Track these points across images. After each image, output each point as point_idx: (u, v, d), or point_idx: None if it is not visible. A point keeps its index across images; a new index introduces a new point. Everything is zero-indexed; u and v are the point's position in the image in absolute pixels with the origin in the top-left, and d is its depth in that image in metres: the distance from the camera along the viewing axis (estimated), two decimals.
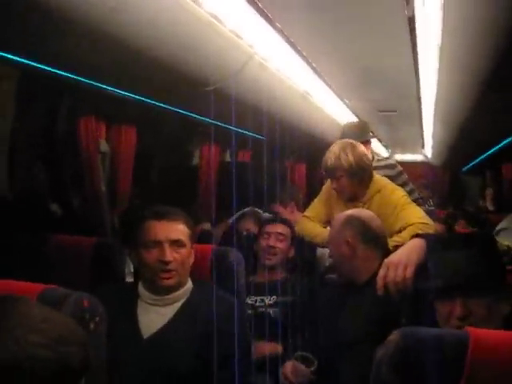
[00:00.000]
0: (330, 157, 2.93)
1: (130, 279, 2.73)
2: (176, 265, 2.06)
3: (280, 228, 3.12)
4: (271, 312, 2.91)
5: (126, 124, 3.73)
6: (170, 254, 2.04)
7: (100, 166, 3.52)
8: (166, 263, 2.04)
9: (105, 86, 2.76)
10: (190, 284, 2.16)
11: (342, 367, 2.34)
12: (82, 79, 2.61)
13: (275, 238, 3.08)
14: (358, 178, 2.92)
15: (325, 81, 3.98)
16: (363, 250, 2.38)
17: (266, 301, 2.95)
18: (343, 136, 3.64)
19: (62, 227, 2.97)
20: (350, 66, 3.74)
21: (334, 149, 2.96)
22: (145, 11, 1.96)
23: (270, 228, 3.13)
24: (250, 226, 3.58)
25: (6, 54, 2.15)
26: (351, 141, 3.06)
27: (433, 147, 8.03)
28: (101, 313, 1.27)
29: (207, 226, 4.15)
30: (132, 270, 2.71)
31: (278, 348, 2.73)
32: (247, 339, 2.23)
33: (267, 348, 2.68)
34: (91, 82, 2.65)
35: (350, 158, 2.89)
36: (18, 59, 2.24)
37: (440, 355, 1.11)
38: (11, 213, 2.93)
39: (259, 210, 3.92)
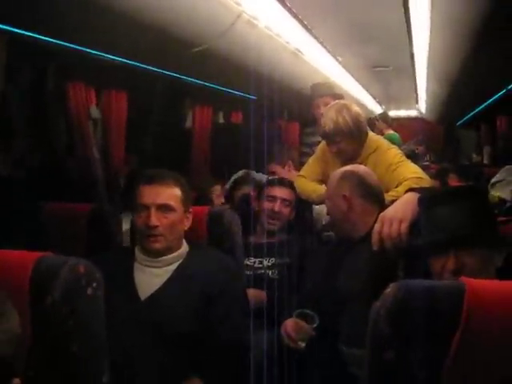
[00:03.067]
0: (327, 122, 2.88)
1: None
2: (163, 229, 2.05)
3: (286, 193, 3.06)
4: (270, 273, 2.92)
5: (117, 89, 3.69)
6: (155, 219, 2.03)
7: (91, 132, 3.50)
8: (152, 228, 2.03)
9: (93, 51, 2.72)
10: (185, 247, 2.16)
11: (341, 323, 2.36)
12: (70, 45, 2.57)
13: (281, 204, 3.04)
14: (356, 140, 2.90)
15: (316, 38, 3.93)
16: (360, 204, 2.38)
17: (265, 262, 2.95)
18: (314, 92, 3.64)
19: (56, 194, 2.95)
20: (341, 23, 3.70)
21: (330, 113, 2.91)
22: None
23: (277, 192, 3.06)
24: (246, 190, 3.56)
25: None
26: (345, 102, 3.03)
27: (427, 102, 8.00)
28: (98, 278, 1.27)
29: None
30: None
31: (263, 295, 2.74)
32: (245, 298, 2.24)
33: (257, 295, 2.70)
34: (79, 47, 2.62)
35: (348, 120, 2.86)
36: (6, 26, 2.21)
37: (436, 306, 1.11)
38: (5, 182, 2.92)
39: (253, 172, 3.90)
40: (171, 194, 2.09)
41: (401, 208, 1.98)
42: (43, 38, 2.43)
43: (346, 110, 2.90)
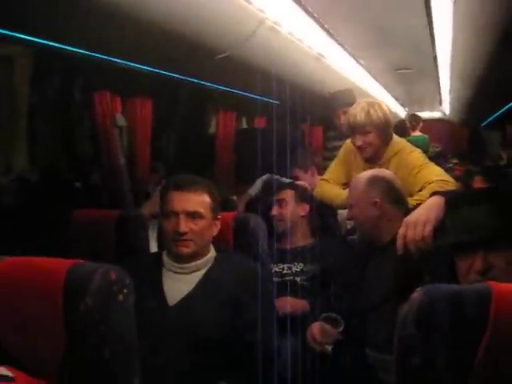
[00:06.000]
0: (358, 112, 2.87)
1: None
2: (192, 235, 2.07)
3: (280, 194, 3.11)
4: (298, 280, 2.93)
5: (142, 97, 3.73)
6: (184, 225, 2.06)
7: (117, 140, 3.54)
8: (181, 234, 2.06)
9: (117, 60, 2.76)
10: (212, 253, 2.18)
11: (367, 328, 2.37)
12: (95, 54, 2.61)
13: (277, 206, 3.09)
14: (384, 136, 2.90)
15: (338, 42, 3.94)
16: (389, 209, 2.37)
17: (293, 268, 2.97)
18: (336, 101, 3.66)
19: (84, 201, 3.00)
20: (363, 26, 3.70)
21: (361, 105, 2.91)
22: None
23: (275, 196, 3.13)
24: (269, 195, 3.57)
25: (20, 34, 2.16)
26: (376, 99, 3.05)
27: (450, 103, 7.94)
28: (128, 284, 1.29)
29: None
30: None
31: (304, 306, 2.77)
32: (272, 305, 2.25)
33: (294, 303, 2.72)
34: (104, 56, 2.66)
35: (380, 113, 2.87)
36: (32, 38, 2.25)
37: (463, 310, 1.12)
38: (35, 190, 2.98)
39: (278, 177, 3.91)
40: (201, 200, 2.11)
41: (425, 211, 1.98)
42: (70, 48, 2.47)
43: (378, 105, 2.92)
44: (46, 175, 3.24)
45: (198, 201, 2.10)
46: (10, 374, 1.14)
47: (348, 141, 3.08)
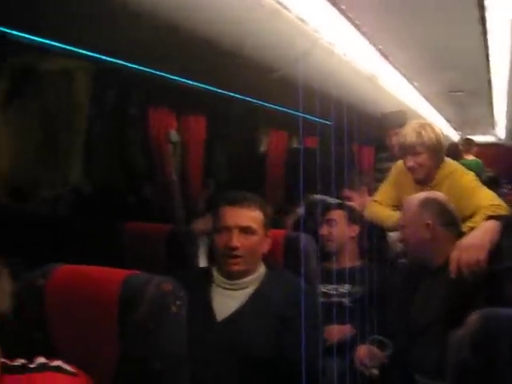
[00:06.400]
0: (410, 133, 2.87)
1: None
2: (244, 251, 2.08)
3: (330, 214, 3.11)
4: (344, 301, 2.90)
5: (196, 113, 3.79)
6: (237, 240, 2.07)
7: (171, 156, 3.59)
8: (233, 249, 2.07)
9: (173, 77, 2.81)
10: (262, 269, 2.18)
11: (416, 351, 2.33)
12: (152, 70, 2.66)
13: (327, 225, 3.09)
14: (435, 157, 2.87)
15: (392, 63, 3.93)
16: (442, 232, 2.34)
17: (340, 289, 2.94)
18: (388, 122, 3.64)
19: (135, 215, 3.05)
20: (417, 48, 3.68)
21: (413, 126, 2.91)
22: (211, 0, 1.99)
23: (325, 216, 3.13)
24: (317, 215, 3.57)
25: (78, 49, 2.22)
26: (428, 121, 3.03)
27: (506, 127, 7.78)
28: (182, 296, 1.31)
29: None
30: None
31: (351, 330, 2.74)
32: (318, 325, 2.23)
33: (341, 330, 2.70)
34: (160, 73, 2.71)
35: (432, 135, 2.85)
36: (91, 53, 2.31)
37: None
38: (89, 203, 3.04)
39: (327, 197, 3.90)
40: (253, 216, 2.12)
41: (479, 235, 1.96)
42: (127, 63, 2.53)
43: (429, 126, 2.89)
44: (100, 188, 3.30)
45: (251, 216, 2.12)
46: (69, 368, 1.17)
47: (399, 162, 3.05)
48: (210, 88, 3.09)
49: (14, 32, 1.87)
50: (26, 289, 1.38)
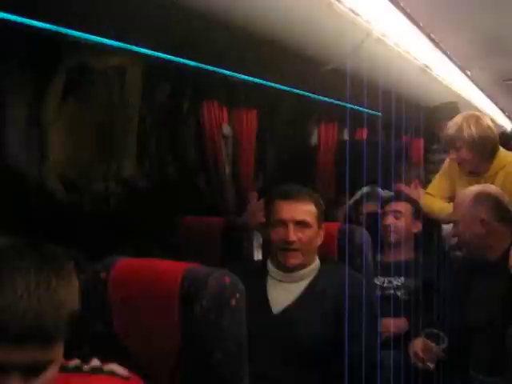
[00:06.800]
0: (452, 127, 2.87)
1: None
2: (300, 244, 2.10)
3: (397, 206, 3.08)
4: (399, 294, 2.89)
5: (247, 107, 3.80)
6: (293, 234, 2.09)
7: (224, 150, 3.62)
8: (290, 243, 2.09)
9: (226, 71, 2.83)
10: (317, 262, 2.19)
11: (472, 347, 2.30)
12: (204, 66, 2.69)
13: (393, 217, 3.06)
14: (479, 151, 2.82)
15: (445, 52, 3.86)
16: (498, 227, 2.30)
17: (394, 282, 2.93)
18: (439, 114, 3.59)
19: (189, 209, 3.09)
20: (471, 36, 3.61)
21: (458, 119, 2.89)
22: None
23: (388, 207, 3.11)
24: (370, 208, 3.54)
25: (131, 46, 2.25)
26: (477, 113, 2.98)
27: None
28: (241, 289, 1.34)
29: None
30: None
31: (406, 324, 2.72)
32: (375, 317, 2.23)
33: (397, 324, 2.68)
34: (213, 68, 2.73)
35: (473, 129, 2.81)
36: (142, 50, 2.34)
37: None
38: (144, 199, 3.09)
39: (378, 189, 3.86)
40: (308, 210, 2.14)
41: None
42: (180, 59, 2.55)
43: (475, 120, 2.84)
44: (154, 182, 3.35)
45: (306, 210, 2.13)
46: (123, 372, 1.16)
47: None
48: (261, 82, 3.10)
49: (70, 31, 1.91)
50: (89, 281, 1.42)
